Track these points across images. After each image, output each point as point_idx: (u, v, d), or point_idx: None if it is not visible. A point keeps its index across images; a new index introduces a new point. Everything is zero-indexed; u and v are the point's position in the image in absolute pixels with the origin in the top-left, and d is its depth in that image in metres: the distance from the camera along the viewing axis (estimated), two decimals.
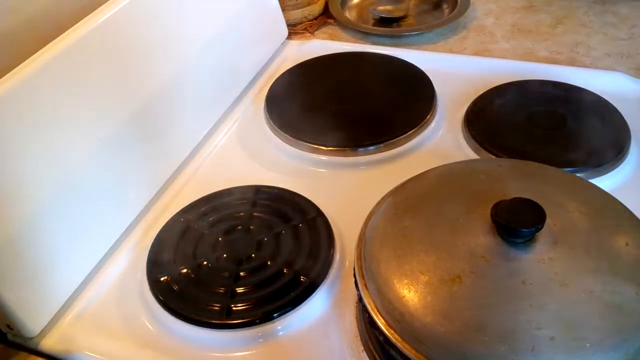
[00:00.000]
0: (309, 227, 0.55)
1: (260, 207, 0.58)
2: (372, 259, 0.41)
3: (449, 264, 0.38)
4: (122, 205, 0.57)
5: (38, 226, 0.48)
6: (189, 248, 0.54)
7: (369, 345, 0.45)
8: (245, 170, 0.65)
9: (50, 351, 0.49)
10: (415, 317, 0.36)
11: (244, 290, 0.50)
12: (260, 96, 0.76)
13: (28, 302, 0.47)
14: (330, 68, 0.79)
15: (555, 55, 0.80)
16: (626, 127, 0.62)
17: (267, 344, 0.47)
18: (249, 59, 0.79)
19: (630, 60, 0.77)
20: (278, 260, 0.52)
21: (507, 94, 0.69)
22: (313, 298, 0.49)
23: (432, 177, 0.47)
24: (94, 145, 0.53)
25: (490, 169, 0.46)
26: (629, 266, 0.37)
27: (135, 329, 0.50)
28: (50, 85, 0.49)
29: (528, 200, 0.39)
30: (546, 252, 0.38)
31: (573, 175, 0.47)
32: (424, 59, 0.78)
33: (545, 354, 0.33)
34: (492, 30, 0.87)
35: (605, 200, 0.42)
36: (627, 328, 0.34)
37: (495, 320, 0.35)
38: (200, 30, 0.68)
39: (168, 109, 0.63)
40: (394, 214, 0.43)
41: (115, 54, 0.56)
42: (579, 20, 0.87)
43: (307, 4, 0.92)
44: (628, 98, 0.68)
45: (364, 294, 0.40)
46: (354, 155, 0.64)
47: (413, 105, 0.69)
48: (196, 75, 0.68)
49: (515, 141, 0.62)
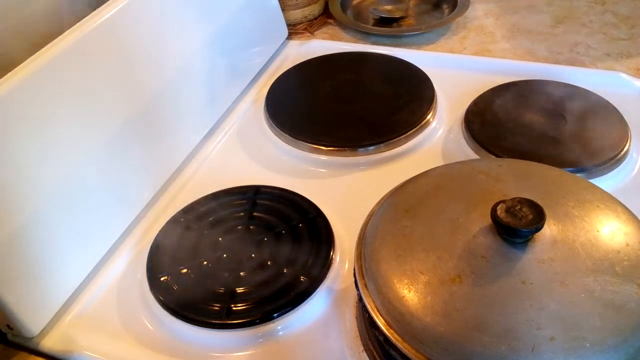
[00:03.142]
0: (309, 227, 0.55)
1: (260, 207, 0.58)
2: (372, 259, 0.41)
3: (449, 264, 0.38)
4: (122, 205, 0.57)
5: (38, 226, 0.48)
6: (189, 248, 0.54)
7: (369, 345, 0.45)
8: (245, 170, 0.65)
9: (50, 351, 0.49)
10: (415, 317, 0.36)
11: (244, 290, 0.50)
12: (260, 96, 0.76)
13: (28, 302, 0.47)
14: (330, 68, 0.79)
15: (555, 55, 0.80)
16: (626, 127, 0.62)
17: (267, 344, 0.47)
18: (249, 59, 0.79)
19: (630, 60, 0.77)
20: (278, 260, 0.52)
21: (507, 94, 0.69)
22: (313, 298, 0.49)
23: (432, 177, 0.47)
24: (94, 145, 0.54)
25: (490, 169, 0.46)
26: (629, 266, 0.37)
27: (135, 329, 0.50)
28: (50, 86, 0.49)
29: (528, 200, 0.38)
30: (546, 252, 0.38)
31: (573, 175, 0.47)
32: (424, 59, 0.78)
33: (545, 353, 0.33)
34: (492, 30, 0.87)
35: (605, 200, 0.42)
36: (627, 328, 0.34)
37: (495, 320, 0.35)
38: (200, 30, 0.68)
39: (168, 109, 0.63)
40: (394, 214, 0.43)
41: (115, 54, 0.56)
42: (579, 20, 0.87)
43: (307, 4, 0.92)
44: (628, 98, 0.68)
45: (364, 294, 0.40)
46: (354, 155, 0.64)
47: (413, 105, 0.69)
48: (196, 75, 0.68)
49: (515, 141, 0.62)
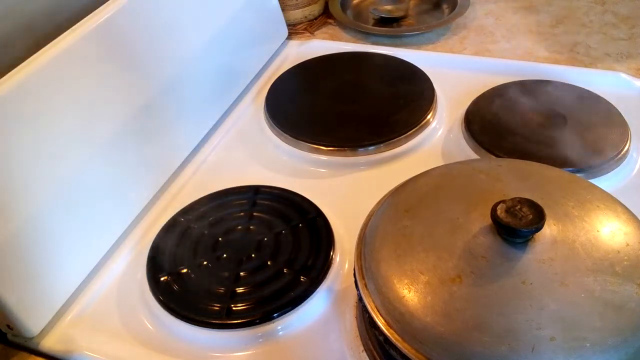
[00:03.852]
0: (309, 227, 0.55)
1: (260, 207, 0.58)
2: (372, 259, 0.41)
3: (449, 264, 0.38)
4: (122, 205, 0.57)
5: (38, 226, 0.48)
6: (189, 248, 0.54)
7: (369, 345, 0.45)
8: (245, 170, 0.65)
9: (50, 351, 0.49)
10: (415, 317, 0.36)
11: (244, 290, 0.50)
12: (260, 96, 0.76)
13: (28, 302, 0.48)
14: (330, 68, 0.79)
15: (555, 55, 0.80)
16: (626, 127, 0.62)
17: (267, 344, 0.47)
18: (249, 59, 0.79)
19: (630, 60, 0.77)
20: (278, 260, 0.52)
21: (507, 94, 0.69)
22: (313, 298, 0.49)
23: (432, 177, 0.47)
24: (93, 145, 0.54)
25: (490, 169, 0.46)
26: (629, 266, 0.37)
27: (135, 329, 0.50)
28: (50, 85, 0.49)
29: (528, 200, 0.38)
30: (546, 252, 0.38)
31: (573, 175, 0.47)
32: (424, 59, 0.78)
33: (545, 353, 0.33)
34: (492, 30, 0.87)
35: (605, 200, 0.42)
36: (627, 328, 0.34)
37: (495, 320, 0.35)
38: (200, 30, 0.68)
39: (168, 109, 0.63)
40: (394, 214, 0.43)
41: (115, 54, 0.56)
42: (579, 20, 0.87)
43: (307, 4, 0.92)
44: (628, 98, 0.68)
45: (364, 294, 0.40)
46: (354, 155, 0.64)
47: (413, 105, 0.69)
48: (196, 75, 0.68)
49: (515, 141, 0.62)
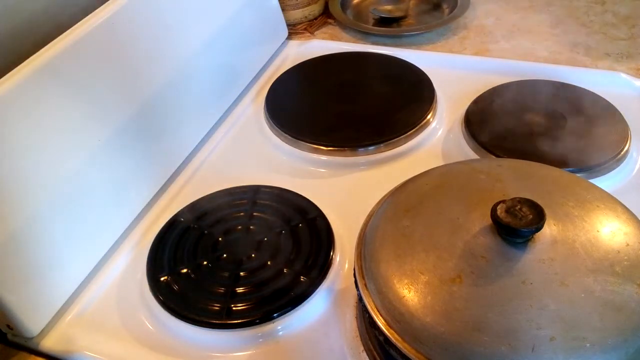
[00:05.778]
0: (309, 227, 0.55)
1: (260, 207, 0.58)
2: (372, 259, 0.41)
3: (449, 264, 0.38)
4: (122, 205, 0.57)
5: (38, 226, 0.48)
6: (189, 248, 0.54)
7: (369, 345, 0.45)
8: (245, 170, 0.65)
9: (50, 351, 0.49)
10: (415, 317, 0.36)
11: (244, 290, 0.50)
12: (260, 96, 0.76)
13: (28, 302, 0.47)
14: (330, 68, 0.79)
15: (555, 55, 0.80)
16: (626, 127, 0.62)
17: (267, 344, 0.47)
18: (249, 59, 0.79)
19: (630, 60, 0.77)
20: (278, 260, 0.52)
21: (507, 94, 0.69)
22: (313, 298, 0.49)
23: (432, 177, 0.47)
24: (93, 145, 0.53)
25: (490, 169, 0.46)
26: (629, 266, 0.37)
27: (135, 329, 0.50)
28: (50, 85, 0.49)
29: (528, 200, 0.38)
30: (546, 252, 0.38)
31: (573, 175, 0.47)
32: (424, 59, 0.78)
33: (545, 353, 0.33)
34: (492, 30, 0.87)
35: (605, 200, 0.42)
36: (627, 328, 0.34)
37: (495, 320, 0.35)
38: (200, 31, 0.68)
39: (168, 109, 0.63)
40: (394, 214, 0.43)
41: (115, 54, 0.56)
42: (579, 20, 0.87)
43: (307, 4, 0.92)
44: (628, 98, 0.68)
45: (364, 294, 0.40)
46: (354, 155, 0.64)
47: (413, 105, 0.69)
48: (196, 75, 0.68)
49: (515, 141, 0.62)
